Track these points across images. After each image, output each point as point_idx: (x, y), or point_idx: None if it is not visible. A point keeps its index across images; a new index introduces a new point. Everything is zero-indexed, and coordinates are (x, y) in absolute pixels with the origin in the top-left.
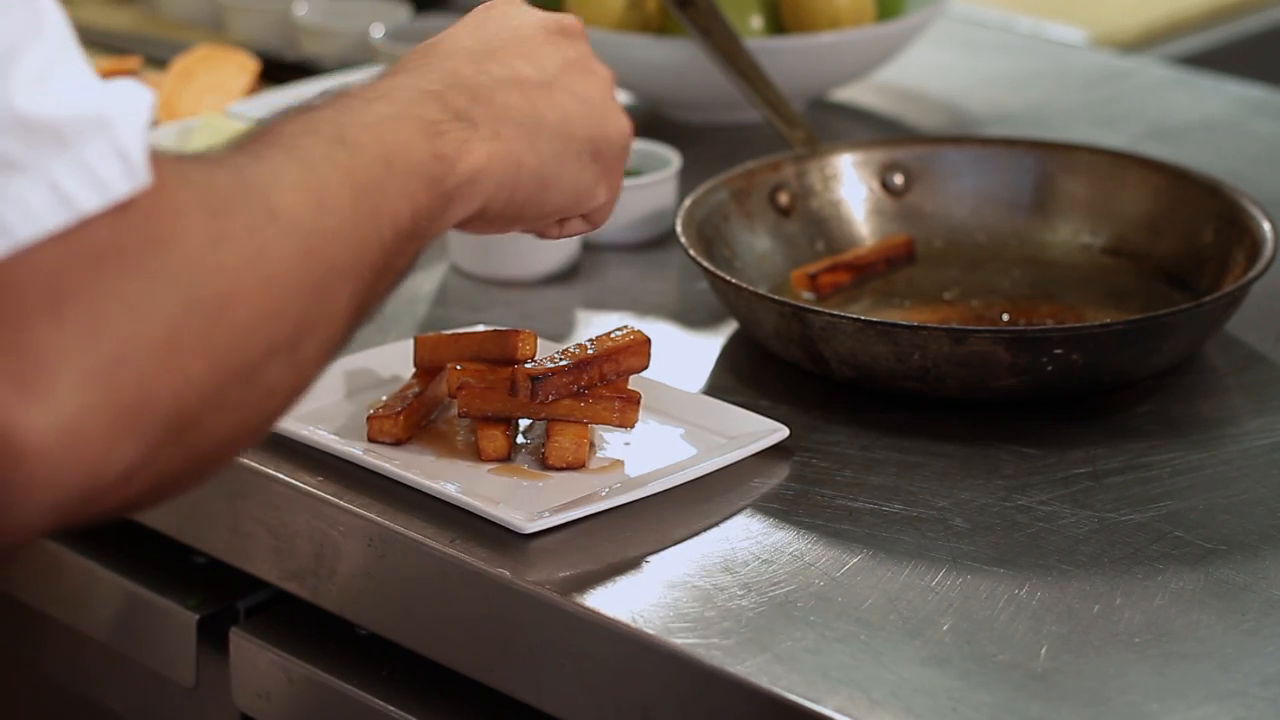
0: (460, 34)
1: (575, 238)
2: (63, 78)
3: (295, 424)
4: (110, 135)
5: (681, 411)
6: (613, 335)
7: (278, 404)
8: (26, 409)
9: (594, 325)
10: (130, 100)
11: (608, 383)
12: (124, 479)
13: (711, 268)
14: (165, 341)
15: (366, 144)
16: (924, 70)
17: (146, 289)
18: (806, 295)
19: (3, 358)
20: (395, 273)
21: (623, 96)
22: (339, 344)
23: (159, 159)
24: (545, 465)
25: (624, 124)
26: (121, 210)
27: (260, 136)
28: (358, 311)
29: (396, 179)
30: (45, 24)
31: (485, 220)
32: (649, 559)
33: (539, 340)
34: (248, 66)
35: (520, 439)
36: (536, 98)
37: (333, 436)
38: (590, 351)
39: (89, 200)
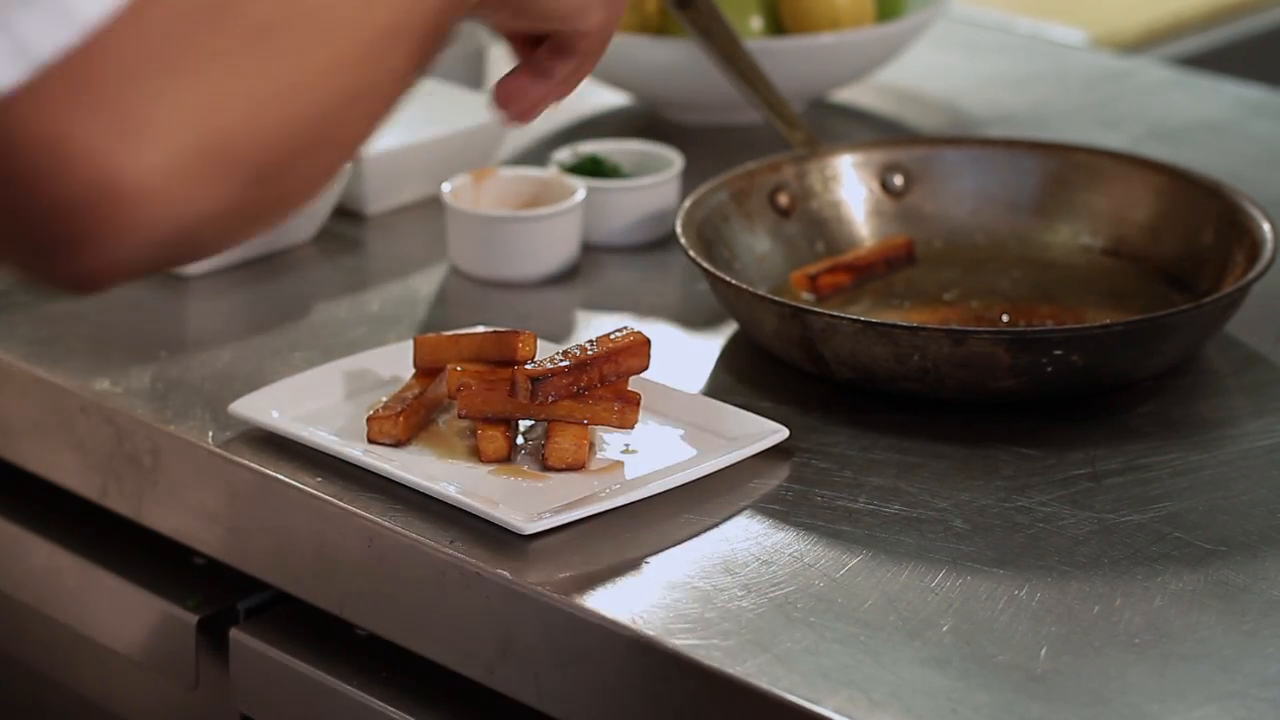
0: None
1: (574, 240)
2: None
3: (295, 425)
4: None
5: (681, 412)
6: (613, 336)
7: (352, 146)
8: (131, 154)
9: (594, 326)
10: None
11: (608, 384)
12: (216, 217)
13: (711, 269)
14: (248, 92)
15: None
16: (924, 71)
17: (230, 42)
18: (806, 296)
19: (104, 110)
20: (438, 42)
21: (623, 97)
22: (396, 100)
23: None
24: (545, 466)
25: None
26: None
27: None
28: (414, 69)
29: None
30: None
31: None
32: (649, 560)
33: (539, 341)
34: None
35: (520, 440)
36: None
37: (332, 437)
38: (590, 352)
39: None
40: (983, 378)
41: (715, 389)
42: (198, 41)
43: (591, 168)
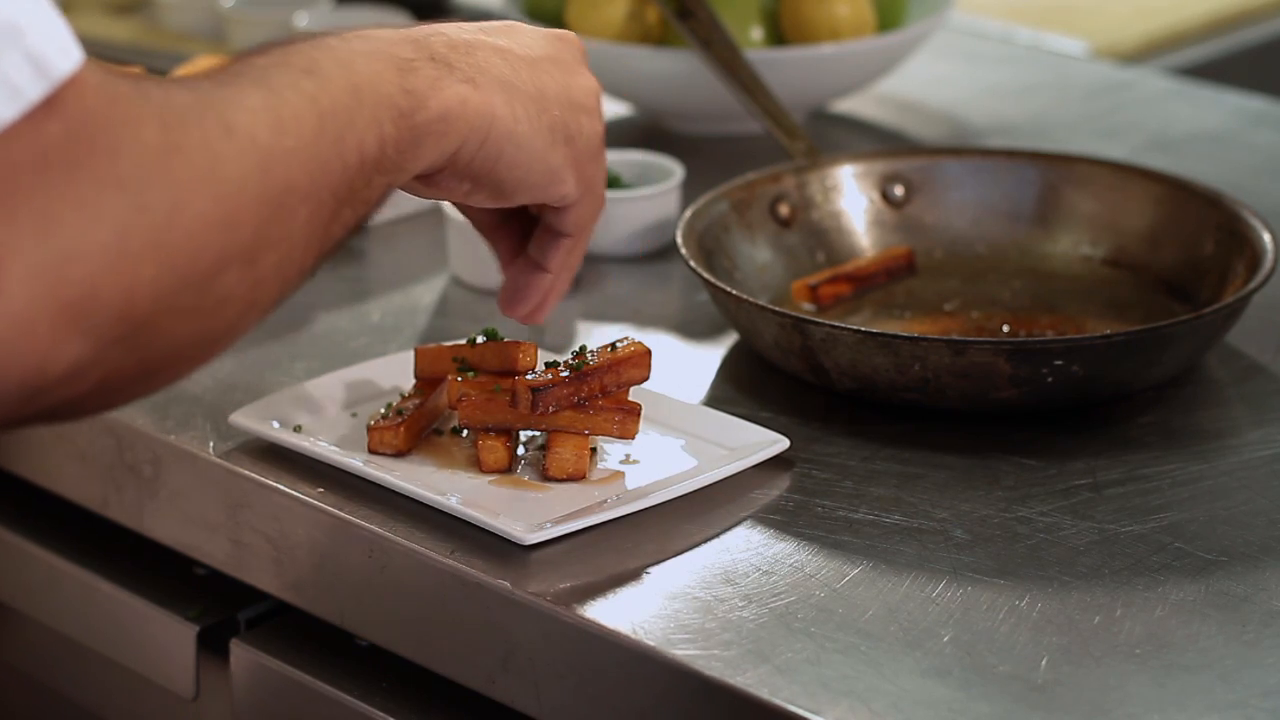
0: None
1: None
2: None
3: (296, 435)
4: (19, 42)
5: (682, 423)
6: (614, 347)
7: (232, 316)
8: None
9: (595, 336)
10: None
11: (608, 394)
12: (71, 375)
13: (712, 279)
14: (114, 243)
15: (335, 75)
16: (924, 81)
17: (96, 193)
18: (807, 306)
19: None
20: (364, 203)
21: (624, 107)
22: (299, 268)
23: (116, 74)
24: (546, 476)
25: (599, 126)
26: (73, 116)
27: (230, 67)
28: (319, 236)
29: (364, 109)
30: None
31: (457, 172)
32: (649, 570)
33: (539, 351)
34: None
35: (521, 450)
36: (518, 65)
37: (333, 448)
38: (591, 363)
39: (5, 111)
40: (983, 388)
41: (716, 399)
42: (62, 187)
43: None
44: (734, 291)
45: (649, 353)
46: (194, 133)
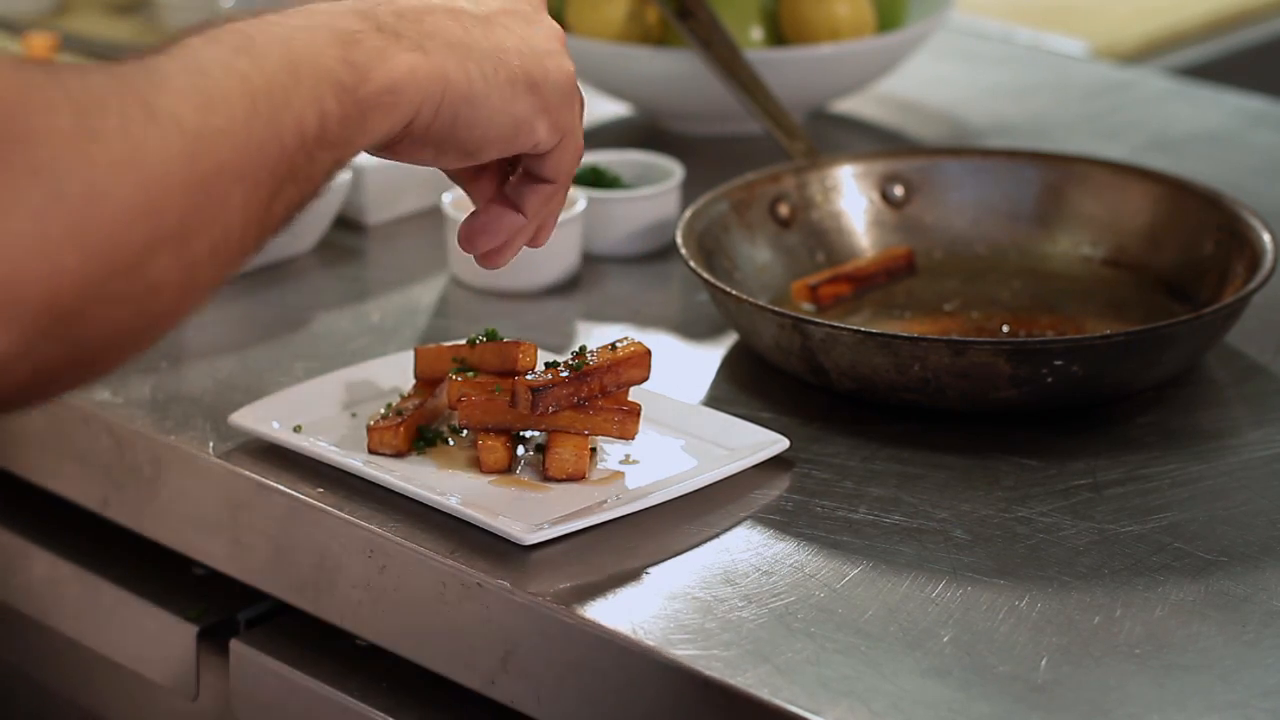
0: None
1: (575, 251)
2: None
3: (296, 435)
4: None
5: (682, 423)
6: (614, 347)
7: (166, 302)
8: None
9: (594, 337)
10: None
11: (608, 394)
12: (5, 366)
13: (711, 279)
14: (32, 231)
15: (270, 52)
16: (924, 81)
17: (10, 182)
18: (807, 307)
19: None
20: (308, 180)
21: (624, 107)
22: (239, 248)
23: (30, 62)
24: (545, 477)
25: (565, 65)
26: None
27: (161, 48)
28: (258, 216)
29: (302, 85)
30: None
31: (415, 140)
32: (649, 570)
33: (539, 352)
34: None
35: (521, 450)
36: (470, 25)
37: (333, 448)
38: (591, 363)
39: None
40: (983, 388)
41: (716, 399)
42: None
43: (592, 178)
44: (734, 291)
45: (649, 353)
46: (112, 118)
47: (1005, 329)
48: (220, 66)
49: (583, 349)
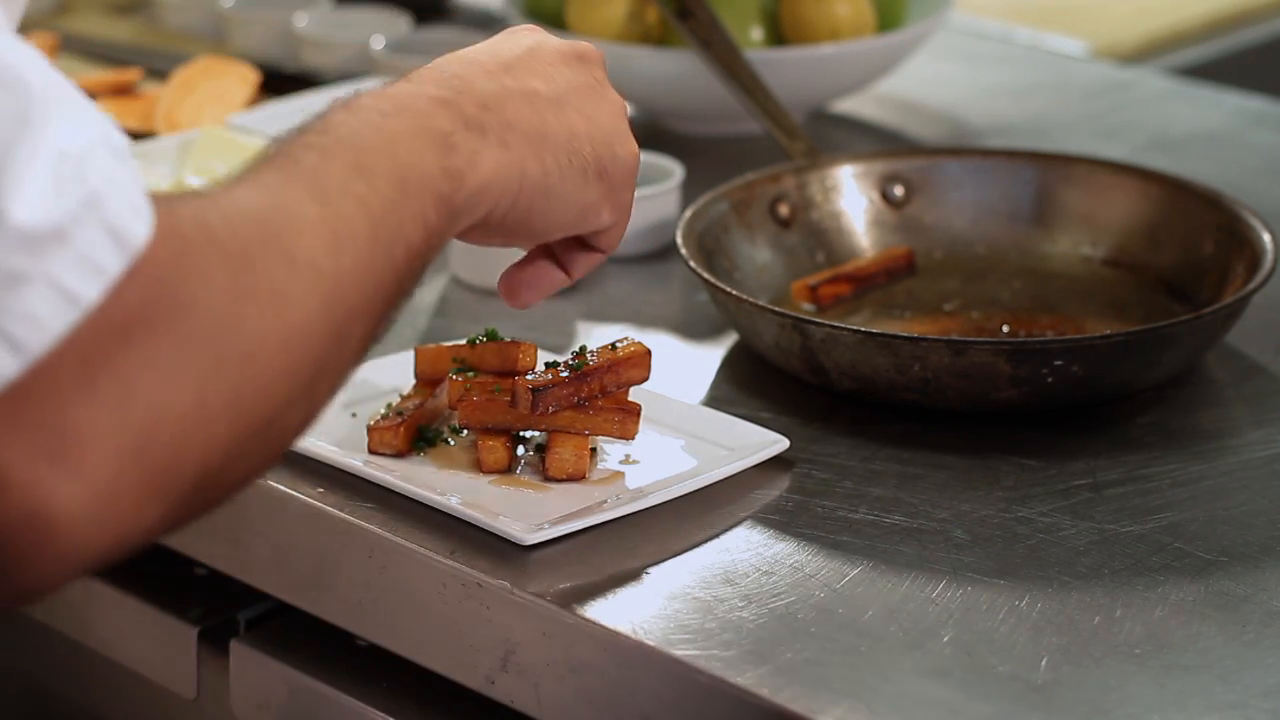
0: (478, 50)
1: None
2: (45, 160)
3: None
4: (100, 214)
5: (682, 423)
6: (614, 347)
7: (290, 443)
8: (60, 484)
9: (594, 337)
10: (109, 158)
11: (608, 394)
12: (148, 537)
13: (712, 279)
14: (194, 407)
15: (380, 167)
16: (924, 81)
17: (175, 356)
18: (807, 307)
19: (36, 434)
20: (405, 295)
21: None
22: (349, 376)
23: (179, 214)
24: (546, 477)
25: (632, 147)
26: (147, 279)
27: (277, 162)
28: (369, 345)
29: (409, 200)
30: (31, 105)
31: (486, 229)
32: (649, 570)
33: (539, 352)
34: (248, 78)
35: (521, 450)
36: (545, 111)
37: (333, 448)
38: (591, 363)
39: (90, 290)
40: (983, 388)
41: (716, 399)
42: (140, 353)
43: None
44: (734, 292)
45: (649, 353)
46: (260, 270)
47: (1005, 329)
48: (340, 190)
49: (583, 349)
